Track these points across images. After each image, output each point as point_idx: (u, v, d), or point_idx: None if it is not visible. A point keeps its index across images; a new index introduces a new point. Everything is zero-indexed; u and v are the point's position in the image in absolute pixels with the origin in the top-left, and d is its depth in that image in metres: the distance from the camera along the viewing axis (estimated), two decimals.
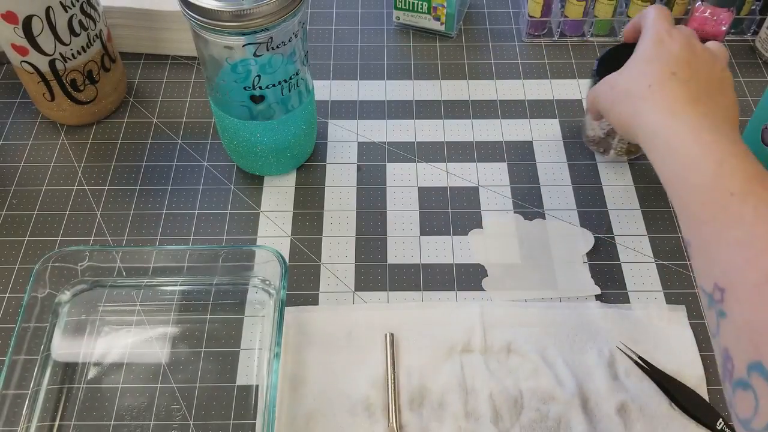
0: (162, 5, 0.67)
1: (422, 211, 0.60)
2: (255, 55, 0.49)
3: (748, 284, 0.35)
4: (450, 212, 0.60)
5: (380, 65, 0.71)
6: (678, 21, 0.73)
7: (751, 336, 0.33)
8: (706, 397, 0.49)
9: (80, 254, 0.53)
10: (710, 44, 0.49)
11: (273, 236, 0.58)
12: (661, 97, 0.44)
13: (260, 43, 0.48)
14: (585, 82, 0.70)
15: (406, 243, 0.58)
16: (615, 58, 0.56)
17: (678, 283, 0.55)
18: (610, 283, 0.55)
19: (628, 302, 0.54)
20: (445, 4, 0.70)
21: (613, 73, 0.49)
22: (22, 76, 0.61)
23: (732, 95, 0.47)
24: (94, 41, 0.60)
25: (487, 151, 0.64)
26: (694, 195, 0.40)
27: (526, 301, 0.54)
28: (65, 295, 0.54)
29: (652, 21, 0.50)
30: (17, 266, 0.56)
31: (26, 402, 0.48)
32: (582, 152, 0.64)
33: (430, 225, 0.59)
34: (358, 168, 0.63)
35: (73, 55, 0.59)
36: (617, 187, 0.61)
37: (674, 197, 0.42)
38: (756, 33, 0.73)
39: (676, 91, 0.44)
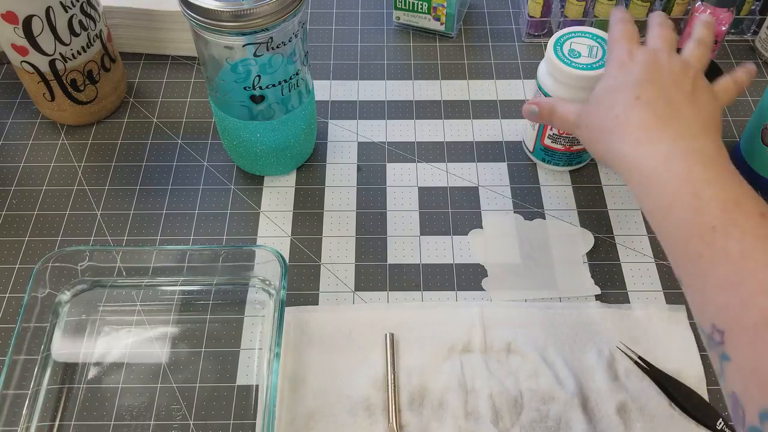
0: (162, 5, 0.67)
1: (422, 211, 0.60)
2: (255, 55, 0.49)
3: (748, 327, 0.33)
4: (450, 212, 0.60)
5: (380, 65, 0.71)
6: (678, 21, 0.73)
7: (760, 382, 0.32)
8: (706, 397, 0.49)
9: (80, 254, 0.53)
10: (685, 51, 0.47)
11: (273, 236, 0.58)
12: (627, 127, 0.43)
13: (260, 43, 0.48)
14: None
15: (406, 243, 0.58)
16: None
17: (678, 283, 0.55)
18: (610, 283, 0.55)
19: (628, 302, 0.54)
20: (445, 4, 0.70)
21: (587, 104, 0.47)
22: (22, 76, 0.61)
23: (708, 103, 0.44)
24: (94, 41, 0.60)
25: (486, 151, 0.64)
26: (676, 232, 0.39)
27: (526, 301, 0.54)
28: (65, 295, 0.54)
29: (613, 43, 0.48)
30: (17, 266, 0.56)
31: (26, 402, 0.48)
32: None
33: (430, 225, 0.59)
34: (358, 168, 0.63)
35: (73, 55, 0.59)
36: (617, 187, 0.61)
37: (657, 233, 0.41)
38: (756, 33, 0.73)
39: (641, 117, 0.42)
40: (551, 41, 0.55)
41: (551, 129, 0.58)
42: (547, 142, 0.59)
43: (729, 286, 0.35)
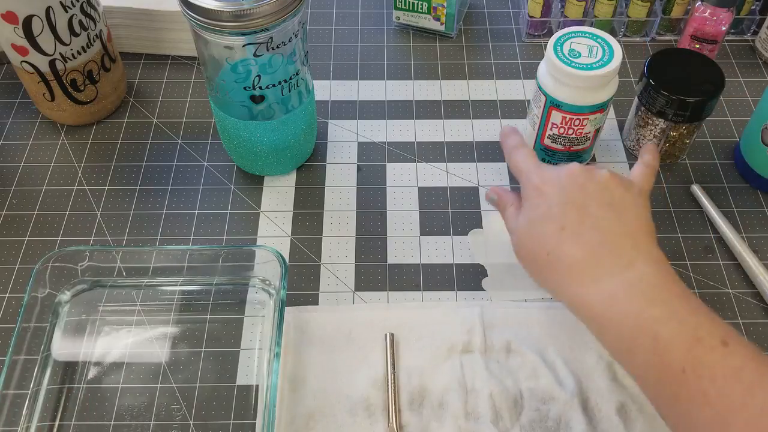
0: (162, 5, 0.67)
1: (422, 211, 0.60)
2: (255, 55, 0.49)
3: None
4: (450, 212, 0.60)
5: (380, 65, 0.71)
6: (678, 21, 0.73)
7: None
8: None
9: (80, 254, 0.53)
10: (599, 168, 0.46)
11: (273, 236, 0.58)
12: (560, 266, 0.42)
13: (260, 43, 0.48)
14: None
15: (406, 243, 0.58)
16: (665, 61, 0.57)
17: None
18: None
19: None
20: (445, 4, 0.70)
21: (516, 234, 0.47)
22: (22, 76, 0.61)
23: (633, 205, 0.44)
24: (94, 41, 0.60)
25: (486, 151, 0.64)
26: (645, 374, 0.39)
27: (526, 301, 0.54)
28: (65, 295, 0.54)
29: (519, 174, 0.48)
30: (17, 266, 0.56)
31: (26, 402, 0.48)
32: None
33: (430, 225, 0.59)
34: (358, 168, 0.63)
35: (73, 55, 0.59)
36: None
37: (628, 371, 0.40)
38: (756, 33, 0.73)
39: (572, 253, 0.42)
40: (551, 41, 0.55)
41: (551, 129, 0.58)
42: (547, 142, 0.59)
43: (713, 427, 0.35)
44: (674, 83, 0.56)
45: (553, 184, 0.45)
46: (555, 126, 0.57)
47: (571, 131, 0.57)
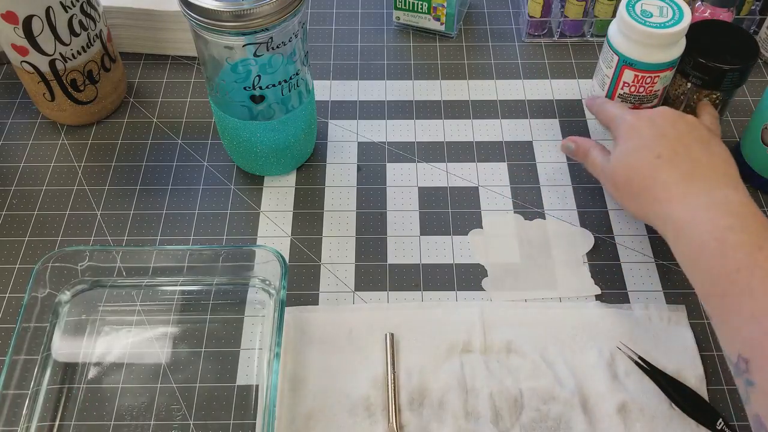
0: (162, 5, 0.67)
1: (422, 211, 0.60)
2: (255, 55, 0.49)
3: None
4: (450, 212, 0.60)
5: (380, 65, 0.71)
6: None
7: None
8: (706, 397, 0.49)
9: (80, 254, 0.53)
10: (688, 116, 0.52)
11: (273, 236, 0.58)
12: (656, 187, 0.47)
13: (260, 43, 0.48)
14: (585, 82, 0.70)
15: (406, 243, 0.58)
16: (699, 35, 0.59)
17: (678, 283, 0.55)
18: (610, 283, 0.55)
19: (628, 302, 0.54)
20: (445, 4, 0.70)
21: (611, 165, 0.51)
22: (22, 76, 0.61)
23: (720, 148, 0.49)
24: (94, 41, 0.60)
25: (487, 151, 0.64)
26: (705, 274, 0.43)
27: (526, 301, 0.54)
28: (65, 295, 0.54)
29: (613, 118, 0.54)
30: (17, 266, 0.56)
31: (26, 402, 0.48)
32: None
33: (430, 225, 0.59)
34: (358, 168, 0.63)
35: (73, 55, 0.59)
36: None
37: (689, 276, 0.44)
38: (756, 33, 0.73)
39: (667, 177, 0.47)
40: (623, 3, 0.58)
41: (622, 88, 0.61)
42: (617, 101, 0.62)
43: (753, 320, 0.39)
44: (706, 47, 0.58)
45: (647, 121, 0.51)
46: (626, 85, 0.60)
47: (642, 89, 0.61)
